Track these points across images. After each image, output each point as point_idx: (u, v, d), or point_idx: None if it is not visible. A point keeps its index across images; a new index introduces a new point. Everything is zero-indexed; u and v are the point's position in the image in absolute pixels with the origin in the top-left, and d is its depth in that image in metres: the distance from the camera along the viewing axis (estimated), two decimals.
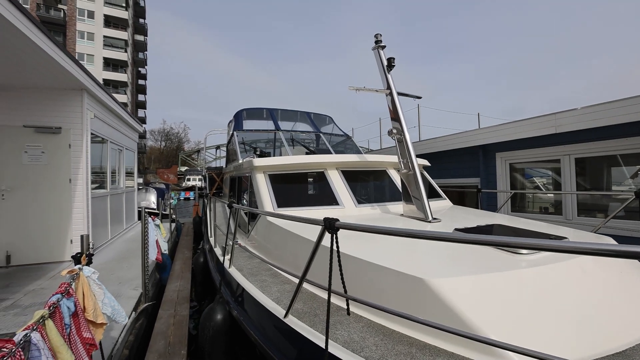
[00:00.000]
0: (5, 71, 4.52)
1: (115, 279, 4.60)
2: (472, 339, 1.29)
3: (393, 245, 2.65)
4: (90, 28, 36.75)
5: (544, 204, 6.26)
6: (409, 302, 1.84)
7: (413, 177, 3.50)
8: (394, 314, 1.50)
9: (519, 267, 1.97)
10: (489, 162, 6.96)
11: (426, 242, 2.60)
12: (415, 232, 1.32)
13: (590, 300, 1.88)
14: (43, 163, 5.23)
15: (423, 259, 2.30)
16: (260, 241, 3.79)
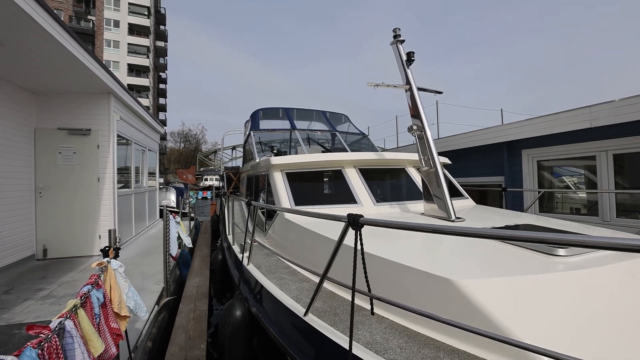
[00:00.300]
0: (42, 78, 4.82)
1: (140, 273, 4.79)
2: (506, 343, 1.18)
3: (415, 244, 2.61)
4: (116, 36, 38.46)
5: (576, 204, 5.92)
6: (434, 304, 1.75)
7: (434, 174, 3.40)
8: (423, 315, 1.40)
9: (556, 270, 1.83)
10: (514, 160, 6.65)
11: (450, 242, 2.56)
12: (443, 228, 1.24)
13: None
14: (75, 163, 5.52)
15: (449, 259, 2.22)
16: (278, 240, 3.82)
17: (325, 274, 1.80)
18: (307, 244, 3.13)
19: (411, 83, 3.75)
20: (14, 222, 4.81)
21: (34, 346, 1.33)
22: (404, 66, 3.83)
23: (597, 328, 1.59)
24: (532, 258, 2.01)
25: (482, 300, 1.60)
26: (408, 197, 4.21)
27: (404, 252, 2.26)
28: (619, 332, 1.59)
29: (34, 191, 5.25)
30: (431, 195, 3.49)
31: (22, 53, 3.89)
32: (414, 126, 3.62)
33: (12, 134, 4.81)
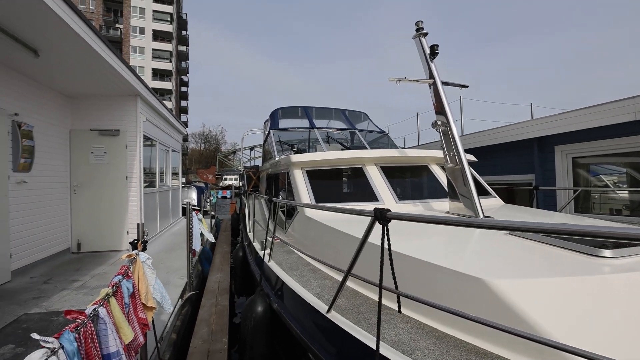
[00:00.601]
0: (77, 83, 5.14)
1: (164, 268, 4.99)
2: (546, 344, 1.06)
3: (442, 243, 2.55)
4: (141, 42, 40.20)
5: (617, 205, 5.51)
6: (464, 306, 1.65)
7: (460, 171, 3.28)
8: (457, 315, 1.30)
9: (601, 272, 1.70)
10: (546, 157, 6.26)
11: (481, 241, 2.47)
12: (475, 221, 1.20)
13: None
14: (105, 162, 5.81)
15: (480, 258, 2.12)
16: (298, 238, 3.83)
17: (350, 271, 1.75)
18: (328, 241, 3.10)
19: (435, 77, 3.60)
20: (53, 217, 5.13)
21: (72, 330, 1.43)
22: (428, 60, 3.68)
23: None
24: (573, 259, 1.87)
25: (517, 302, 1.49)
26: (431, 195, 4.09)
27: (431, 250, 2.19)
28: None
29: (69, 188, 5.58)
30: (457, 193, 3.36)
31: (59, 60, 4.16)
32: (438, 121, 3.48)
33: (51, 135, 5.13)
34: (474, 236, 2.59)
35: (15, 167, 4.22)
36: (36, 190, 4.68)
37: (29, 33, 3.49)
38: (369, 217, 1.51)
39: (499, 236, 2.40)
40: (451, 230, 2.81)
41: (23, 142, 4.31)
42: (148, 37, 40.57)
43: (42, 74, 4.55)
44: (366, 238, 1.59)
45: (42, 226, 4.83)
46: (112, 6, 39.59)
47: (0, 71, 4.08)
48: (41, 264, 4.75)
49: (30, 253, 4.53)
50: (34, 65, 4.15)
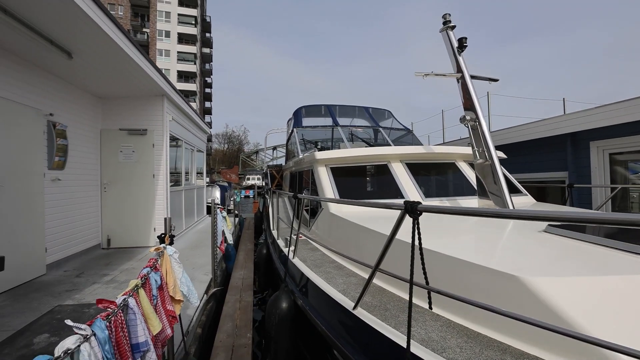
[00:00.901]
0: (107, 84, 5.32)
1: (190, 264, 5.07)
2: (590, 342, 1.00)
3: (472, 239, 2.46)
4: (167, 46, 41.56)
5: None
6: (497, 304, 1.62)
7: (490, 167, 3.18)
8: (494, 312, 1.23)
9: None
10: (580, 153, 5.95)
11: (513, 237, 2.38)
12: (512, 212, 1.10)
13: None
14: (133, 161, 6.00)
15: (513, 254, 2.03)
16: (323, 235, 3.80)
17: (377, 267, 1.71)
18: (353, 238, 3.07)
19: (463, 71, 3.55)
20: (85, 213, 5.34)
21: (103, 318, 1.44)
22: (455, 53, 3.63)
23: None
24: (619, 258, 1.76)
25: (557, 301, 1.41)
26: (458, 193, 4.00)
27: (461, 247, 2.12)
28: None
29: (100, 186, 5.79)
30: (486, 190, 3.26)
31: (91, 62, 4.31)
32: (467, 116, 3.41)
33: (83, 134, 5.35)
34: (507, 233, 2.48)
35: (50, 165, 4.42)
36: (69, 188, 4.88)
37: (64, 36, 3.63)
38: (398, 210, 1.45)
39: (534, 234, 2.30)
40: (481, 227, 2.73)
41: (57, 141, 4.51)
42: (173, 40, 41.92)
43: (75, 76, 4.74)
44: (395, 232, 1.53)
45: (75, 222, 5.03)
46: (139, 11, 41.19)
47: (37, 73, 4.28)
48: (74, 259, 4.96)
49: (64, 248, 4.73)
50: (67, 67, 4.33)
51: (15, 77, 3.93)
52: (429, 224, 1.72)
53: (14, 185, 3.81)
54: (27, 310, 3.09)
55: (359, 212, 3.44)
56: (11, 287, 3.71)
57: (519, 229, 2.48)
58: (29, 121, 4.09)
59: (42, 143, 4.30)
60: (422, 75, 3.72)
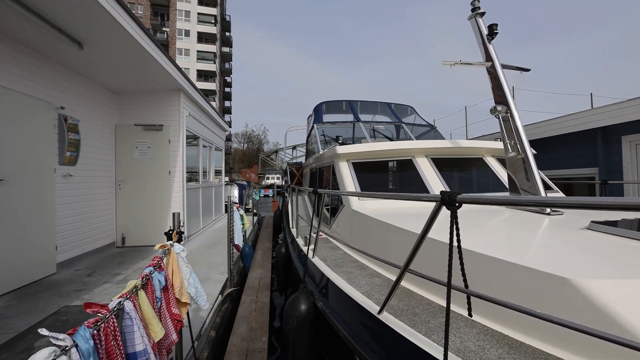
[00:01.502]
0: (123, 78, 5.21)
1: (205, 263, 4.89)
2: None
3: (509, 237, 2.20)
4: (187, 45, 42.15)
5: None
6: (545, 310, 1.38)
7: (523, 161, 2.91)
8: (544, 319, 1.04)
9: None
10: (612, 149, 5.66)
11: (554, 235, 2.14)
12: (568, 201, 0.91)
13: None
14: (149, 157, 5.89)
15: (558, 254, 1.77)
16: (344, 234, 3.60)
17: (407, 267, 1.51)
18: (377, 236, 2.82)
19: (494, 59, 3.28)
20: (98, 211, 5.26)
21: (90, 326, 1.21)
22: (485, 41, 3.36)
23: None
24: None
25: (615, 307, 1.25)
26: (486, 189, 3.79)
27: (498, 245, 1.88)
28: None
29: (115, 183, 5.72)
30: (517, 186, 3.01)
31: (104, 53, 4.18)
32: (498, 107, 3.12)
33: (97, 129, 5.27)
34: (546, 231, 2.25)
35: (61, 160, 4.32)
36: (82, 184, 4.79)
37: (74, 24, 3.49)
38: (432, 201, 1.28)
39: (576, 232, 2.09)
40: (516, 224, 2.52)
41: (69, 135, 4.41)
42: (193, 39, 42.47)
43: (87, 68, 4.63)
44: (429, 226, 1.34)
45: (88, 220, 4.94)
46: (158, 10, 41.88)
47: (46, 64, 4.18)
48: (86, 257, 4.86)
49: (76, 246, 4.63)
50: (79, 58, 4.21)
51: (23, 68, 3.82)
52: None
53: (24, 180, 3.71)
54: (34, 310, 2.95)
55: (383, 209, 3.24)
56: (19, 286, 3.61)
57: (558, 227, 2.29)
58: (38, 114, 3.99)
59: (52, 137, 4.20)
60: (450, 64, 3.50)
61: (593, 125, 5.68)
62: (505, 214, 2.86)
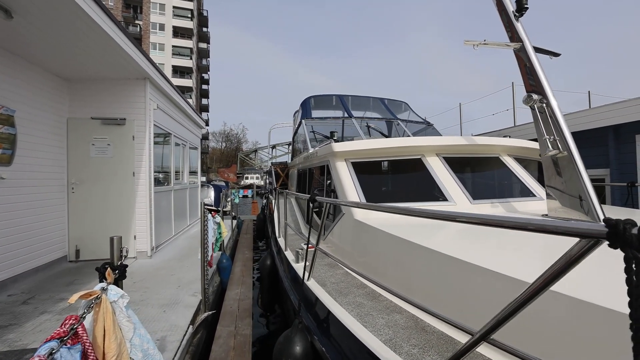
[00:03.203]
0: (73, 62, 4.35)
1: (175, 281, 4.14)
2: None
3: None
4: (161, 39, 40.15)
5: None
6: None
7: (568, 160, 2.41)
8: None
9: None
10: (624, 148, 5.37)
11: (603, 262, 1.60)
12: None
13: None
14: (109, 156, 5.06)
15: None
16: (344, 247, 3.00)
17: (489, 334, 0.92)
18: (394, 258, 2.23)
19: (523, 39, 2.73)
20: (46, 219, 4.39)
21: None
22: (512, 19, 2.81)
23: None
24: None
25: None
26: (506, 193, 3.33)
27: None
28: None
29: (67, 186, 4.84)
30: (558, 189, 2.52)
31: (41, 27, 3.35)
32: (533, 95, 2.60)
33: (43, 123, 4.38)
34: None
35: None
36: (21, 189, 3.91)
37: None
38: (576, 236, 0.71)
39: None
40: None
41: (0, 129, 3.55)
42: (168, 33, 40.52)
43: (20, 45, 3.72)
44: (556, 278, 0.76)
45: (30, 231, 4.06)
46: (131, 2, 39.61)
47: None
48: (26, 277, 3.96)
49: (13, 264, 3.75)
50: (7, 31, 3.35)
51: None
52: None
53: None
54: None
55: (395, 218, 2.63)
56: None
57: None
58: None
59: None
60: (473, 45, 2.96)
61: (604, 123, 5.38)
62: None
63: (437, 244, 1.93)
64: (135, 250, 5.07)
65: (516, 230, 0.89)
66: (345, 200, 2.97)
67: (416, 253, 1.98)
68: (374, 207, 1.78)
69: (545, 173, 2.64)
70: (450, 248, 1.82)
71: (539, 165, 3.76)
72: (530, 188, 3.19)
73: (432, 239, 2.05)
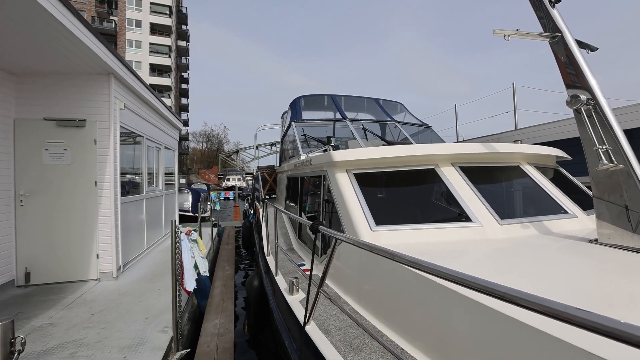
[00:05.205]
0: (20, 54, 3.68)
1: (142, 310, 3.54)
2: None
3: None
4: (138, 36, 38.44)
5: None
6: None
7: (626, 175, 2.01)
8: None
9: None
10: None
11: None
12: None
13: None
14: (66, 162, 4.37)
15: None
16: (349, 275, 2.50)
17: None
18: (416, 298, 1.77)
19: (562, 30, 2.30)
20: None
21: None
22: (548, 7, 2.39)
23: None
24: None
25: None
26: (534, 209, 2.84)
27: None
28: None
29: (14, 199, 4.12)
30: (611, 210, 2.11)
31: None
32: (581, 95, 2.15)
33: None
34: None
35: None
36: None
37: None
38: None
39: None
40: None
41: None
42: (145, 30, 38.77)
43: None
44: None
45: None
46: None
47: None
48: None
49: None
50: None
51: None
52: None
53: None
54: None
55: (408, 244, 2.21)
56: None
57: None
58: None
59: None
60: (504, 35, 2.52)
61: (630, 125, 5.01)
62: (596, 254, 1.98)
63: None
64: (98, 271, 4.40)
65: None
66: (349, 221, 2.48)
67: (460, 303, 1.48)
68: (388, 255, 1.29)
69: (595, 189, 2.22)
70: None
71: (554, 174, 3.42)
72: (561, 203, 2.80)
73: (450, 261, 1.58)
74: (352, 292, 2.43)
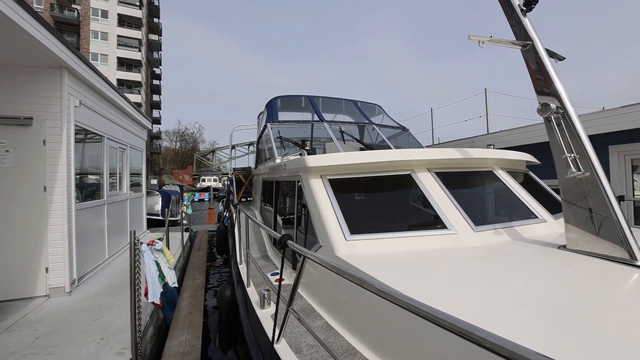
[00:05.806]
0: None
1: (97, 330, 3.19)
2: None
3: None
4: (104, 28, 36.24)
5: None
6: None
7: (594, 182, 2.07)
8: None
9: None
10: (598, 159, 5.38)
11: None
12: None
13: None
14: (8, 165, 3.91)
15: None
16: (320, 288, 2.41)
17: None
18: (395, 319, 1.64)
19: (533, 38, 2.33)
20: None
21: None
22: (519, 15, 2.41)
23: None
24: None
25: None
26: (506, 214, 2.95)
27: None
28: None
29: None
30: (579, 215, 2.16)
31: None
32: (550, 104, 2.18)
33: None
34: None
35: None
36: None
37: None
38: None
39: None
40: None
41: None
42: (112, 21, 36.53)
43: None
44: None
45: None
46: None
47: None
48: None
49: None
50: None
51: None
52: None
53: None
54: None
55: (385, 254, 2.12)
56: None
57: None
58: None
59: None
60: (479, 42, 2.52)
61: None
62: (570, 261, 2.02)
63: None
64: (47, 287, 3.97)
65: None
66: (322, 229, 2.32)
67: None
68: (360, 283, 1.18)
69: (564, 195, 2.25)
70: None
71: (525, 178, 3.44)
72: (531, 208, 2.82)
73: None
74: (326, 304, 2.32)
